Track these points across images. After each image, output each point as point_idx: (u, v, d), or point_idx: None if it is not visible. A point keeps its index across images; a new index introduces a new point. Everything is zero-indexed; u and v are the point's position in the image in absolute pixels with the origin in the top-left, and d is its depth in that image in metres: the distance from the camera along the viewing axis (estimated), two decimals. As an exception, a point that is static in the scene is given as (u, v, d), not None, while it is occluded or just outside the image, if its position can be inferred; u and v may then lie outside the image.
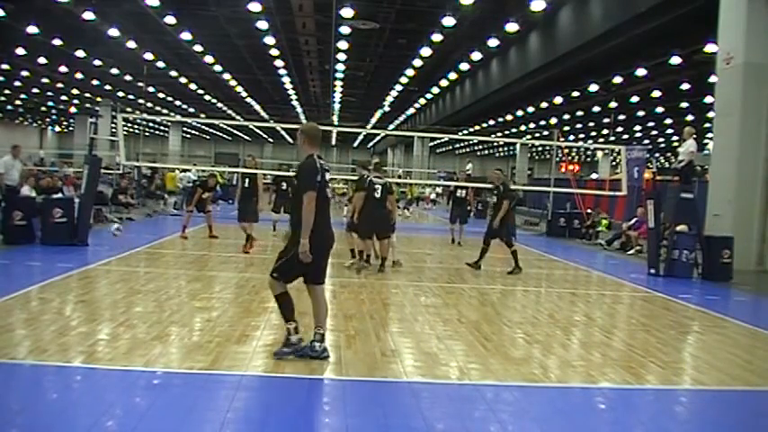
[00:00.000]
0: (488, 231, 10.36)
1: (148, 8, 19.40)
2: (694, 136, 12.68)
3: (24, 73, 32.28)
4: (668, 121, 36.83)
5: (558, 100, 31.19)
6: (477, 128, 40.96)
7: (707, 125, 27.73)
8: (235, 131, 65.02)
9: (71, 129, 55.03)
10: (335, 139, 66.03)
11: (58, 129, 65.09)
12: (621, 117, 35.10)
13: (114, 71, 30.71)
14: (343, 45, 23.84)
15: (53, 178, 15.14)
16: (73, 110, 46.65)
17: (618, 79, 25.13)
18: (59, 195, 12.94)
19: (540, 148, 57.74)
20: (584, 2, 17.07)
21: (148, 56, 26.80)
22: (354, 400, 4.17)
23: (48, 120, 60.13)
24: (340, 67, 28.14)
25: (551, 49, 19.61)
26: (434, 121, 37.51)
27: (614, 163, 42.85)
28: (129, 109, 35.07)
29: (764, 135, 12.14)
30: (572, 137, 45.13)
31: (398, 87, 32.85)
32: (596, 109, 33.90)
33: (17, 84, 36.56)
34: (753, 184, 12.13)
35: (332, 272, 9.58)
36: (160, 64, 28.78)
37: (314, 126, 5.26)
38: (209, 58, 27.70)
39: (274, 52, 26.09)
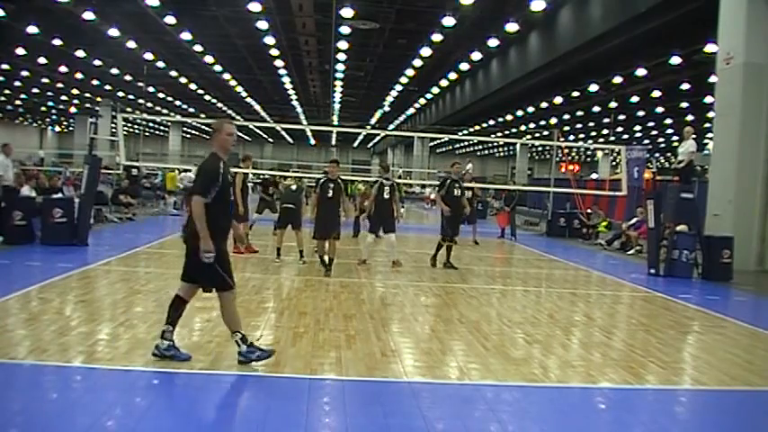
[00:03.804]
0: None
1: (148, 8, 19.42)
2: (694, 136, 12.68)
3: (24, 73, 32.31)
4: (668, 121, 36.84)
5: (558, 100, 31.20)
6: (477, 128, 40.97)
7: (707, 125, 27.72)
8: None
9: (71, 129, 55.05)
10: (335, 139, 66.10)
11: (58, 129, 65.12)
12: (621, 117, 35.10)
13: (114, 71, 30.73)
14: (343, 45, 23.85)
15: (52, 179, 15.08)
16: (73, 110, 46.67)
17: (618, 79, 25.14)
18: (59, 195, 12.93)
19: (540, 148, 57.72)
20: (584, 2, 17.07)
21: (148, 56, 26.82)
22: (354, 400, 4.17)
23: (48, 120, 60.15)
24: (340, 67, 28.15)
25: (551, 49, 19.61)
26: (434, 121, 37.52)
27: (614, 163, 42.84)
28: (129, 109, 35.08)
29: (764, 135, 12.14)
30: (572, 137, 45.10)
31: (398, 87, 32.87)
32: (596, 109, 33.92)
33: (17, 84, 36.59)
34: (753, 184, 12.13)
35: (333, 272, 9.59)
36: (160, 64, 28.80)
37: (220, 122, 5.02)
38: (209, 58, 27.71)
39: (274, 52, 26.10)
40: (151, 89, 36.11)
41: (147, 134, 49.65)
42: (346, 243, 12.56)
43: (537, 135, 42.55)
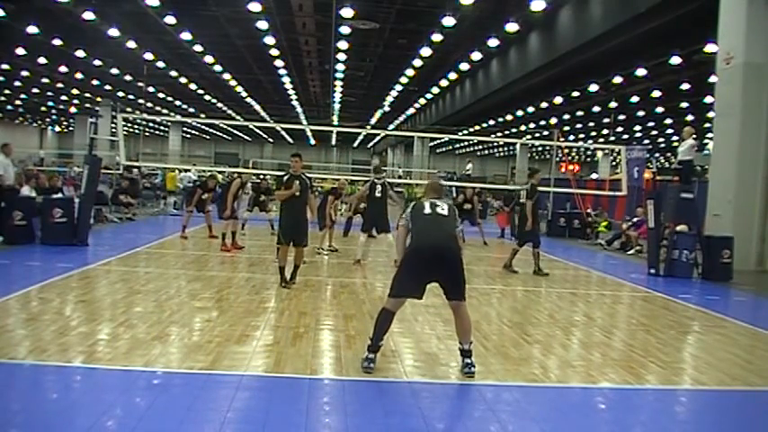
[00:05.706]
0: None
1: (148, 8, 19.42)
2: (694, 136, 12.69)
3: (24, 73, 32.28)
4: (668, 121, 36.82)
5: (558, 100, 31.19)
6: (477, 128, 40.95)
7: (707, 125, 27.71)
8: (235, 131, 65.00)
9: (71, 129, 55.00)
10: (335, 139, 66.13)
11: (58, 129, 65.07)
12: (621, 117, 35.09)
13: (114, 71, 30.71)
14: (343, 45, 23.85)
15: (52, 179, 15.04)
16: (73, 110, 46.63)
17: (618, 79, 25.13)
18: (59, 195, 12.92)
19: (540, 148, 57.69)
20: (584, 2, 17.07)
21: (148, 56, 26.80)
22: (354, 400, 4.17)
23: (48, 120, 60.12)
24: (340, 67, 28.14)
25: (551, 49, 19.61)
26: (434, 121, 37.51)
27: (614, 163, 42.82)
28: (129, 109, 35.07)
29: (764, 135, 12.14)
30: (572, 137, 45.09)
31: (398, 87, 32.85)
32: (596, 109, 33.90)
33: (17, 84, 36.55)
34: (753, 184, 12.13)
35: (333, 272, 9.60)
36: (160, 64, 28.78)
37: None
38: (209, 58, 27.70)
39: (274, 52, 26.10)
40: (151, 89, 36.07)
41: (147, 134, 49.68)
42: (343, 242, 12.56)
43: (537, 135, 42.52)
